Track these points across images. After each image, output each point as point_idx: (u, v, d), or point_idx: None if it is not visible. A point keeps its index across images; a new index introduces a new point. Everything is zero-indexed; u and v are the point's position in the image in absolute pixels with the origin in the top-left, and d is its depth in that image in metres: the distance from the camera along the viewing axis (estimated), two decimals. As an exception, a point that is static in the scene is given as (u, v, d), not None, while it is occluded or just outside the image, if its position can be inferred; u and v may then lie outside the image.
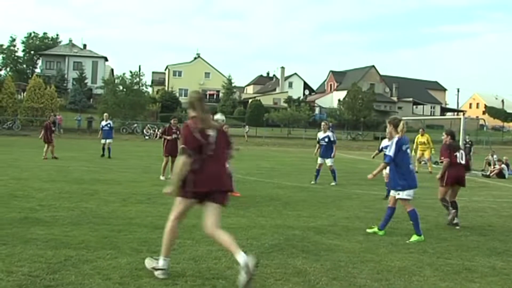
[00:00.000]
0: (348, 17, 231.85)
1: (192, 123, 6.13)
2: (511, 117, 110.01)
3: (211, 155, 6.10)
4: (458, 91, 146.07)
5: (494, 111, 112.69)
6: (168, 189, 6.37)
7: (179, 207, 6.34)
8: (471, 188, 19.09)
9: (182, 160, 5.99)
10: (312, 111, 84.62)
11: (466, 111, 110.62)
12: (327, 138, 17.60)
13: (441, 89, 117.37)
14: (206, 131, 6.13)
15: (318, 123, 75.17)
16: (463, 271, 7.11)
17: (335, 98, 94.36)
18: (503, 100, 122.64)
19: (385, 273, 6.83)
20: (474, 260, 7.82)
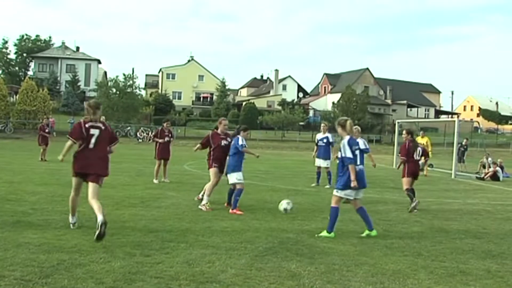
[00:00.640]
0: (343, 20, 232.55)
1: (83, 122, 8.53)
2: (505, 119, 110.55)
3: (91, 148, 8.50)
4: (452, 93, 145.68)
5: (489, 114, 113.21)
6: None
7: (73, 182, 8.84)
8: (466, 191, 19.17)
9: (67, 144, 8.62)
10: (306, 114, 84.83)
11: (460, 114, 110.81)
12: (325, 139, 17.59)
13: (435, 91, 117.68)
14: (90, 129, 8.50)
15: (312, 125, 75.47)
16: (457, 274, 7.11)
17: (329, 101, 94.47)
18: (497, 103, 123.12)
19: (379, 276, 6.83)
20: (469, 263, 7.82)
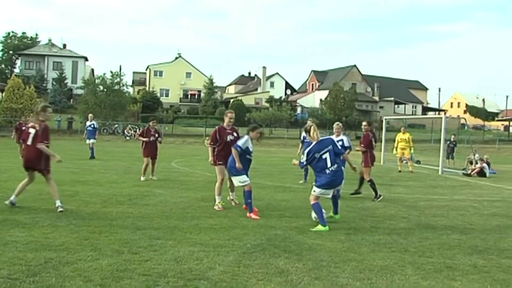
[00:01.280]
0: (331, 17, 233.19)
1: (27, 123, 10.04)
2: (492, 116, 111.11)
3: (29, 145, 10.40)
4: (439, 90, 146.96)
5: (475, 110, 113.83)
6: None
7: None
8: (453, 187, 19.29)
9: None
10: (293, 111, 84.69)
11: (447, 111, 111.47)
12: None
13: (422, 88, 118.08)
14: (28, 129, 10.44)
15: (300, 122, 75.45)
16: (444, 270, 7.17)
17: (317, 98, 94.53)
18: (484, 100, 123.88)
19: (367, 272, 6.87)
20: (456, 258, 7.89)
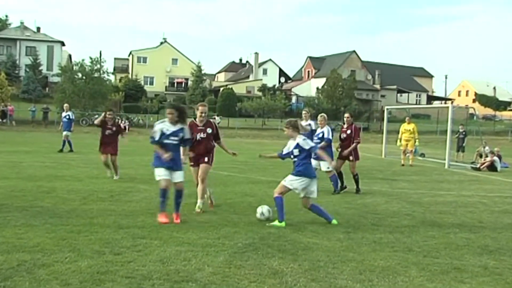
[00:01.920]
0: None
1: None
2: (503, 105, 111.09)
3: None
4: (446, 77, 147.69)
5: (485, 99, 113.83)
6: None
7: None
8: (461, 182, 19.36)
9: None
10: (288, 100, 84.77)
11: (454, 100, 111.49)
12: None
13: (427, 75, 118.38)
14: None
15: (295, 112, 75.47)
16: (452, 271, 7.18)
17: (313, 86, 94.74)
18: (495, 88, 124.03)
19: (367, 273, 6.88)
20: (464, 259, 7.90)
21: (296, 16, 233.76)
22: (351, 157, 15.16)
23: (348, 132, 15.24)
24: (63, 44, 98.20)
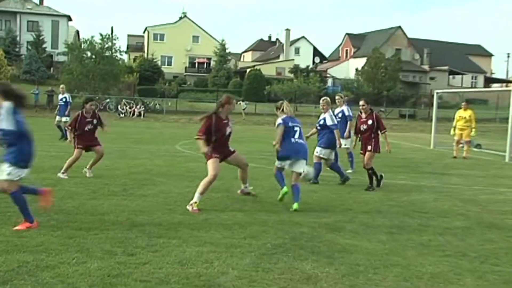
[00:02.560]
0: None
1: None
2: None
3: None
4: (508, 56, 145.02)
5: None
6: None
7: None
8: (520, 177, 19.08)
9: None
10: (323, 83, 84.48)
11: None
12: (341, 113, 17.43)
13: (485, 54, 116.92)
14: None
15: (331, 97, 75.19)
16: (513, 280, 7.10)
17: (352, 67, 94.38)
18: None
19: (414, 280, 6.84)
20: (528, 266, 7.80)
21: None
22: (369, 147, 14.58)
23: (369, 122, 14.67)
24: (69, 18, 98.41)
